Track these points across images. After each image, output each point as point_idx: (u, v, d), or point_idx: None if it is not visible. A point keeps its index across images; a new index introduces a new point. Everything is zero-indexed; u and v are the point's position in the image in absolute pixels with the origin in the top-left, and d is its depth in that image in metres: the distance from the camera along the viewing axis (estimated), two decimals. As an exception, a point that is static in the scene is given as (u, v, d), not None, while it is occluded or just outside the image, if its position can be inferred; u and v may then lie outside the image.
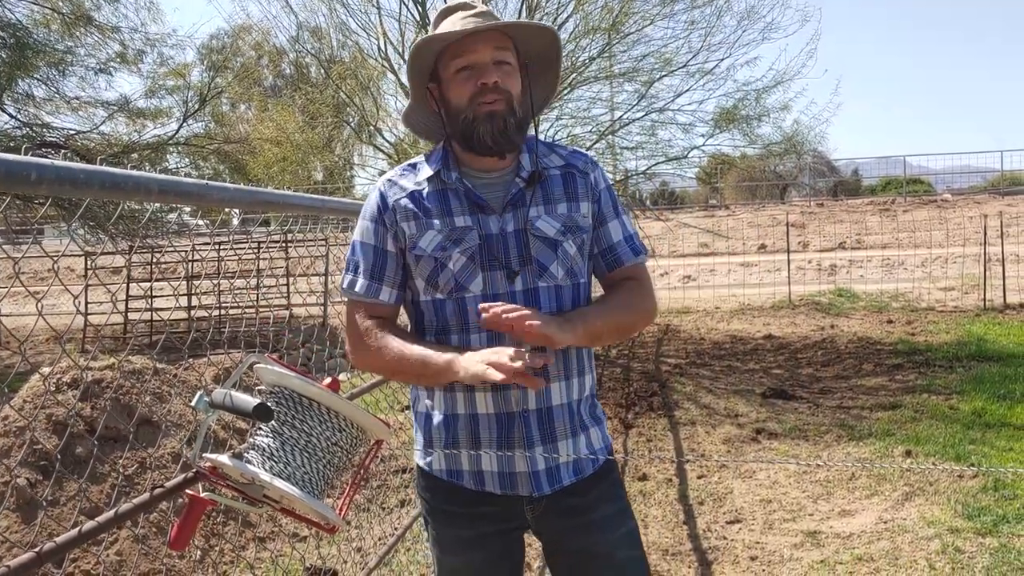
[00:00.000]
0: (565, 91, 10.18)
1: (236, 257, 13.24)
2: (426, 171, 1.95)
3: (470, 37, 1.83)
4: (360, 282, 1.93)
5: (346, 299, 1.99)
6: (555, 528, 1.97)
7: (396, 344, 1.87)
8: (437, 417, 1.95)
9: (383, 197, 1.94)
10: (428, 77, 1.93)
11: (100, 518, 1.65)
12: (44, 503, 4.14)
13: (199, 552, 4.26)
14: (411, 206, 1.90)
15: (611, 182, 2.03)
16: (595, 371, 2.04)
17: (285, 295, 13.09)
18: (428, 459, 2.01)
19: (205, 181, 1.84)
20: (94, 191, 1.49)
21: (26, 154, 1.37)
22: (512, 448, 1.87)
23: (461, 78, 1.85)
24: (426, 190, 1.91)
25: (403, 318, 2.06)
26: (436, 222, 1.88)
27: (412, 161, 2.02)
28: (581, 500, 1.94)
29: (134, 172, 1.61)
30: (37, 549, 1.44)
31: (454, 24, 1.87)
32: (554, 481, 1.90)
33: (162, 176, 1.68)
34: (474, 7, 1.90)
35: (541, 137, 2.08)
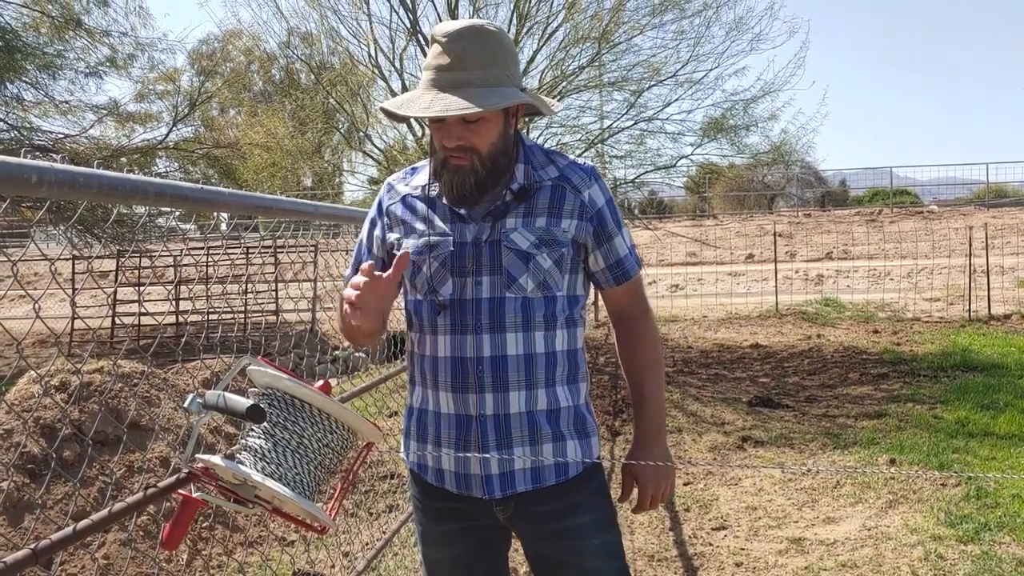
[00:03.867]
0: (555, 99, 10.21)
1: (229, 261, 13.22)
2: (422, 177, 2.01)
3: None
4: (348, 273, 2.11)
5: None
6: (526, 533, 2.01)
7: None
8: (413, 411, 2.03)
9: (380, 202, 2.07)
10: None
11: (94, 516, 1.67)
12: (37, 504, 4.13)
13: (186, 555, 4.26)
14: (401, 211, 2.00)
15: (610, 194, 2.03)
16: (580, 383, 2.00)
17: (274, 300, 13.07)
18: (406, 451, 2.07)
19: (200, 185, 1.87)
20: (92, 194, 1.51)
21: (24, 157, 1.39)
22: (468, 449, 1.90)
23: (433, 127, 1.86)
24: (418, 196, 1.99)
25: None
26: (420, 227, 1.95)
27: (416, 164, 2.09)
28: (551, 508, 1.94)
29: (131, 176, 1.63)
30: (33, 547, 1.45)
31: (425, 83, 1.81)
32: (506, 486, 1.91)
33: (159, 180, 1.71)
34: (457, 60, 1.79)
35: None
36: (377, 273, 1.75)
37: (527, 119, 9.99)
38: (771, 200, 36.35)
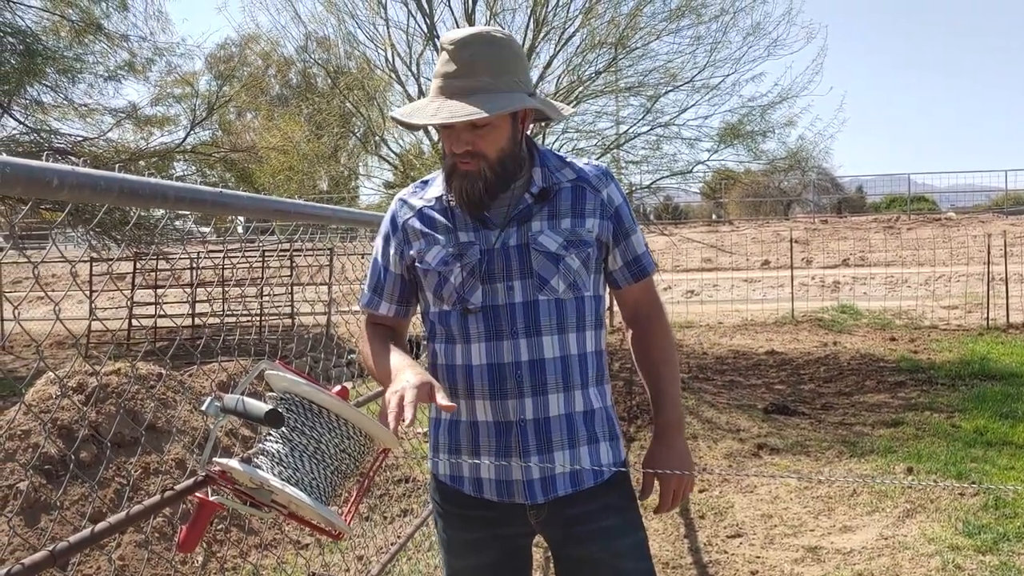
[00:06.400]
0: (571, 104, 10.21)
1: (246, 264, 13.28)
2: (435, 189, 2.01)
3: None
4: (365, 294, 2.09)
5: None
6: (559, 537, 1.99)
7: (373, 346, 1.99)
8: (443, 423, 2.01)
9: (394, 218, 2.04)
10: None
11: (112, 518, 1.67)
12: (55, 504, 4.16)
13: (201, 557, 4.28)
14: (419, 225, 1.98)
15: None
16: (606, 385, 2.03)
17: (290, 303, 13.11)
18: (435, 463, 2.05)
19: (219, 189, 1.87)
20: (113, 197, 1.51)
21: (44, 160, 1.40)
22: (509, 456, 1.90)
23: (444, 134, 1.87)
24: (435, 207, 1.98)
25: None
26: (442, 238, 1.94)
27: (426, 178, 2.09)
28: (584, 510, 1.95)
29: (151, 180, 1.64)
30: (51, 548, 1.46)
31: (434, 91, 1.83)
32: (548, 491, 1.92)
33: (178, 184, 1.71)
34: (464, 67, 1.81)
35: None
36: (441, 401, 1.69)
37: (543, 124, 10.02)
38: (787, 206, 36.21)
